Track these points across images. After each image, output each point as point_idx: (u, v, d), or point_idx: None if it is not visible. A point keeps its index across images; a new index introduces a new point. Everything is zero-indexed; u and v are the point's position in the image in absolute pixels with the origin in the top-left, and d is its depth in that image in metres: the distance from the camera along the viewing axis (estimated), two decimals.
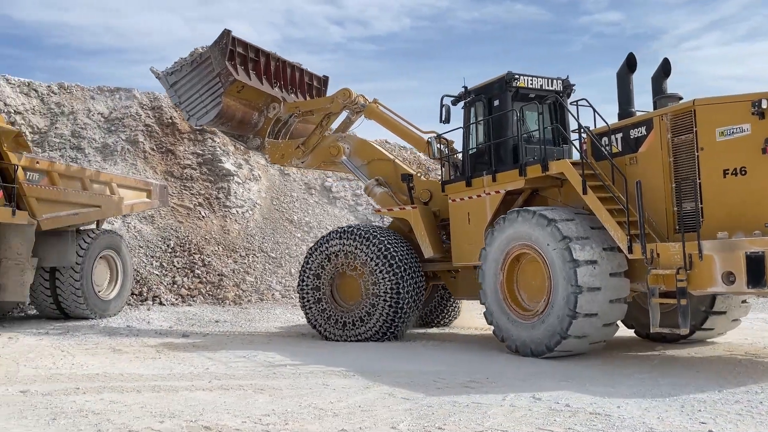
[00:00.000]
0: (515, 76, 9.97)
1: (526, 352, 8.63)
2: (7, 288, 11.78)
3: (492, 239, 9.23)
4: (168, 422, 5.59)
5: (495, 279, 9.14)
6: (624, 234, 8.08)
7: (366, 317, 10.59)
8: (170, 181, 18.90)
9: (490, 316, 9.32)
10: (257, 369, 8.18)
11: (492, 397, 6.46)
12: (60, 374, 7.84)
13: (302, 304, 11.30)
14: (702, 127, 7.83)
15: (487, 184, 9.94)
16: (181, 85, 12.61)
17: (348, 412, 5.91)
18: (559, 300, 8.16)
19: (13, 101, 18.35)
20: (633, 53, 9.17)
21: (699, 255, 7.33)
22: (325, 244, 11.09)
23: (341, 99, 12.34)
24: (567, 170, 8.82)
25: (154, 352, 9.58)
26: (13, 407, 6.14)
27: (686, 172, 8.05)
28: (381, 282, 10.48)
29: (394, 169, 12.12)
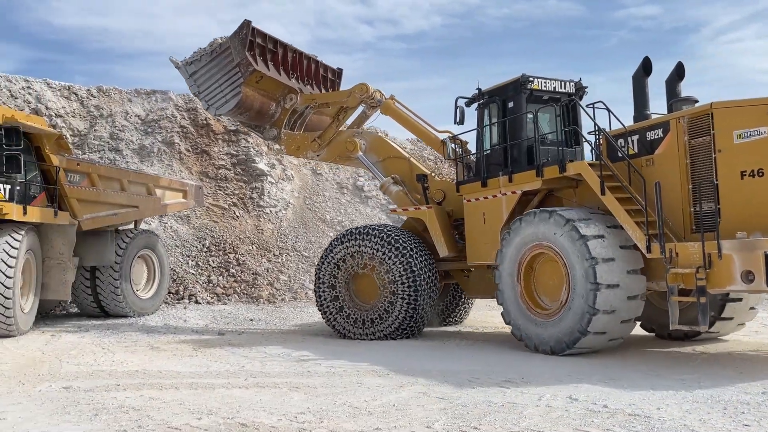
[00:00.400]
0: (529, 78, 10.10)
1: (546, 350, 8.73)
2: (50, 287, 12.10)
3: (509, 240, 9.35)
4: (206, 419, 5.67)
5: (512, 279, 9.27)
6: (642, 234, 8.21)
7: (384, 315, 10.70)
8: (205, 181, 19.19)
9: (507, 316, 9.41)
10: (292, 367, 8.25)
11: (528, 397, 6.39)
12: (101, 371, 8.03)
13: (319, 303, 11.39)
14: (720, 129, 7.95)
15: (503, 185, 10.07)
16: (200, 74, 12.69)
17: (382, 411, 5.92)
18: (579, 297, 8.29)
19: (54, 105, 18.84)
20: (649, 57, 9.31)
21: (718, 254, 7.46)
22: (343, 243, 11.16)
23: (358, 93, 12.39)
24: (585, 171, 8.96)
25: (191, 349, 9.74)
26: (57, 403, 6.31)
27: (704, 174, 8.18)
28: (399, 280, 10.59)
29: (409, 167, 12.20)
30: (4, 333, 10.71)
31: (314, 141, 12.76)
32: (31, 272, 11.51)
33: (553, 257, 8.84)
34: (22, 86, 18.55)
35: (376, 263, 10.82)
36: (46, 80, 19.27)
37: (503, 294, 9.41)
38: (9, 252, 10.65)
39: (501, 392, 6.62)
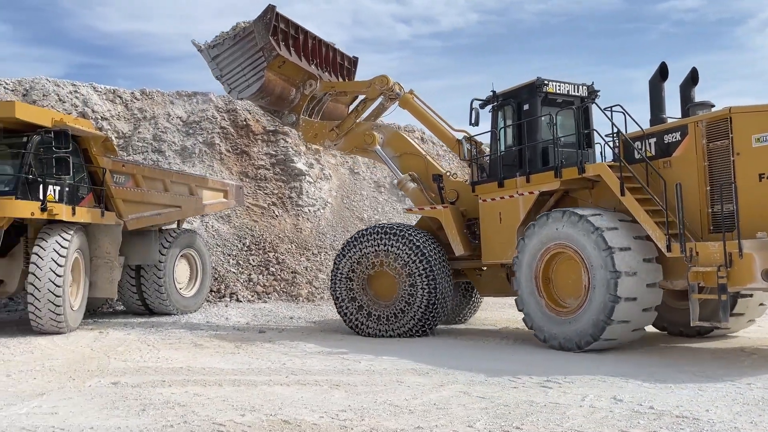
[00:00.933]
0: (544, 82, 10.33)
1: (571, 347, 8.90)
2: (97, 285, 12.44)
3: (525, 245, 9.61)
4: (249, 416, 5.76)
5: (531, 282, 9.52)
6: (662, 233, 8.46)
7: (402, 312, 10.86)
8: (245, 181, 19.46)
9: (529, 320, 9.61)
10: (332, 365, 8.30)
11: (570, 397, 6.30)
12: (147, 367, 8.22)
13: (336, 300, 11.51)
14: (738, 133, 8.20)
15: (520, 185, 10.27)
16: (222, 58, 12.75)
17: (423, 410, 5.91)
18: (599, 288, 8.54)
19: (100, 108, 19.36)
20: (665, 62, 9.59)
21: (739, 253, 7.69)
22: (361, 241, 11.28)
23: (378, 85, 12.49)
24: (604, 172, 9.21)
25: (233, 347, 9.89)
26: (106, 398, 6.49)
27: (722, 176, 8.41)
28: (417, 278, 10.73)
29: (425, 165, 12.31)
30: (54, 330, 11.07)
31: (332, 130, 12.85)
32: (80, 271, 11.86)
33: (570, 255, 9.10)
34: (69, 90, 19.12)
35: (393, 260, 10.98)
36: (92, 84, 19.81)
37: (523, 299, 9.66)
38: (59, 251, 10.99)
39: (543, 392, 6.54)
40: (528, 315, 9.61)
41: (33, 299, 10.82)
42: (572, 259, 9.09)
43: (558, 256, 9.33)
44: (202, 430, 5.32)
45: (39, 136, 11.20)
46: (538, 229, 9.47)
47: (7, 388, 7.02)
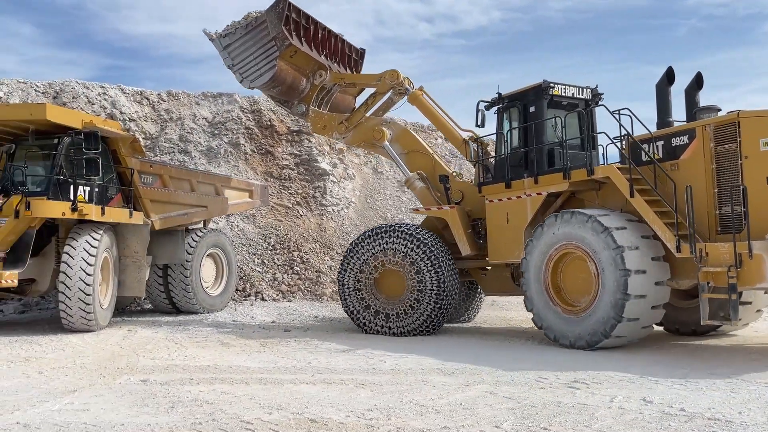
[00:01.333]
0: (551, 84, 10.53)
1: (582, 345, 9.06)
2: (126, 284, 12.63)
3: (533, 246, 9.78)
4: (276, 414, 5.80)
5: (540, 283, 9.67)
6: (672, 234, 8.66)
7: (410, 310, 11.01)
8: (270, 181, 19.59)
9: (539, 319, 9.73)
10: (357, 364, 8.32)
11: (599, 398, 6.23)
12: (175, 365, 8.33)
13: (343, 299, 11.64)
14: (746, 137, 8.40)
15: (528, 186, 10.44)
16: (234, 47, 12.79)
17: (450, 410, 5.89)
18: (610, 287, 8.71)
19: (128, 109, 19.66)
20: (672, 67, 9.79)
21: (749, 254, 7.89)
22: (371, 240, 11.42)
23: (389, 79, 12.57)
24: (614, 174, 9.38)
25: (259, 345, 9.97)
26: (136, 395, 6.59)
27: (729, 179, 8.62)
28: (426, 277, 10.89)
29: (432, 164, 12.39)
30: (85, 328, 11.27)
31: (341, 123, 12.93)
32: (109, 270, 12.05)
33: (578, 255, 9.28)
34: (98, 92, 19.44)
35: (402, 259, 11.11)
36: (120, 86, 20.11)
37: (532, 299, 9.79)
38: (89, 251, 11.19)
39: (570, 393, 6.48)
40: (537, 314, 9.73)
41: (64, 298, 11.03)
42: (581, 259, 9.26)
43: (566, 257, 9.48)
44: (230, 428, 5.37)
45: (69, 138, 11.41)
46: (546, 230, 9.62)
47: (40, 385, 7.16)
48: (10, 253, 10.84)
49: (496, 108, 11.34)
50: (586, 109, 10.88)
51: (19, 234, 10.88)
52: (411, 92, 12.50)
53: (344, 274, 11.63)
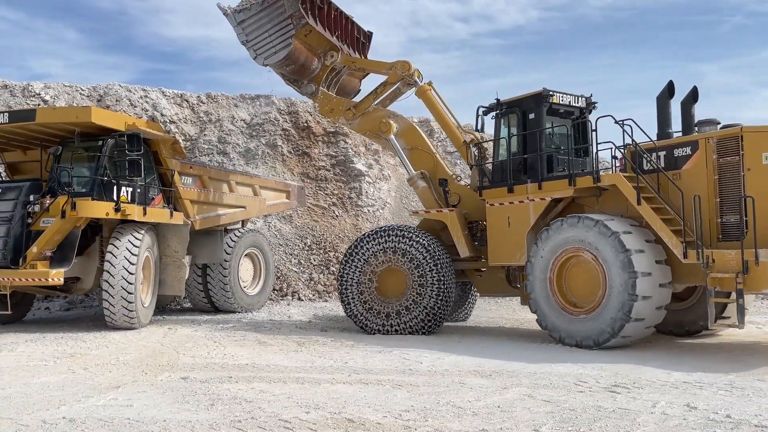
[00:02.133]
0: (550, 93, 10.85)
1: (589, 344, 9.31)
2: (166, 283, 12.89)
3: (538, 249, 10.03)
4: (313, 413, 5.84)
5: (545, 284, 9.91)
6: (679, 241, 9.02)
7: (409, 309, 11.25)
8: (306, 182, 19.76)
9: (544, 320, 9.98)
10: (393, 364, 8.32)
11: (641, 403, 6.10)
12: (214, 363, 8.46)
13: (342, 296, 11.77)
14: (749, 150, 8.82)
15: (531, 191, 10.66)
16: (248, 23, 12.77)
17: (487, 412, 5.85)
18: (617, 288, 9.03)
19: (168, 111, 20.07)
20: (673, 81, 10.16)
21: (755, 261, 8.26)
22: (374, 240, 11.60)
23: (400, 70, 12.66)
24: (620, 182, 9.67)
25: (296, 345, 10.06)
26: (177, 392, 6.72)
27: (731, 189, 9.01)
28: (427, 277, 11.14)
29: (434, 164, 12.53)
30: (127, 325, 11.54)
31: (349, 110, 12.92)
32: (150, 269, 12.32)
33: (584, 258, 9.59)
34: (140, 95, 19.90)
35: (402, 256, 11.33)
36: (161, 89, 20.55)
37: (537, 301, 10.04)
38: (131, 250, 11.45)
39: (611, 397, 6.36)
40: (543, 316, 9.99)
41: (107, 296, 11.31)
42: (587, 262, 9.58)
43: (572, 260, 9.79)
44: (269, 426, 5.43)
45: (113, 140, 11.70)
46: (552, 234, 9.91)
47: (85, 381, 7.36)
48: (57, 252, 11.17)
49: (494, 113, 11.59)
50: (580, 117, 11.37)
51: (66, 233, 11.20)
52: (420, 86, 12.55)
53: (345, 274, 11.78)
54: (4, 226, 11.19)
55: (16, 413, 5.91)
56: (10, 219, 11.22)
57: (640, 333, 9.32)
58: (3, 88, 19.15)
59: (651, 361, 8.34)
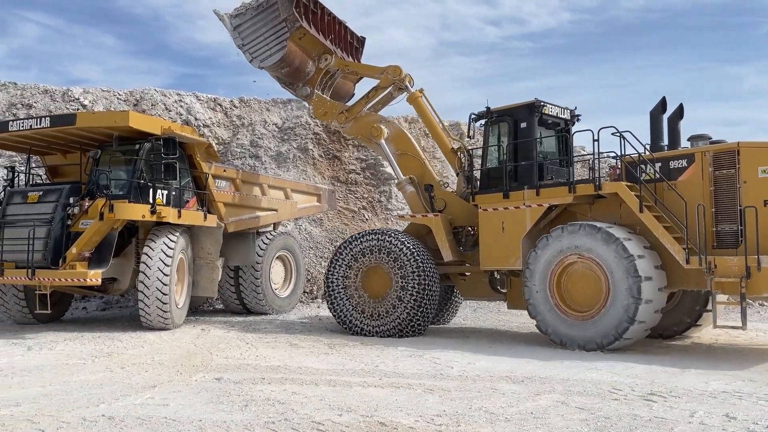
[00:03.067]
0: (542, 103, 11.26)
1: (592, 347, 9.62)
2: (200, 284, 13.09)
3: (537, 256, 10.27)
4: (346, 416, 5.87)
5: (545, 290, 10.17)
6: (680, 248, 9.42)
7: (392, 310, 11.48)
8: (336, 185, 19.87)
9: (544, 325, 10.21)
10: (424, 369, 8.31)
11: (678, 412, 5.99)
12: (247, 365, 8.56)
13: (329, 294, 12.04)
14: (745, 164, 9.31)
15: (528, 198, 10.90)
16: (245, 28, 13.07)
17: (520, 419, 5.80)
18: (621, 293, 9.36)
19: (202, 116, 20.40)
20: (665, 97, 10.75)
21: (758, 267, 8.73)
22: (361, 241, 11.88)
23: (391, 74, 12.97)
24: (622, 191, 10.02)
25: (327, 347, 10.11)
26: (211, 393, 6.82)
27: (727, 200, 9.48)
28: (409, 278, 11.36)
29: (422, 169, 12.81)
30: (161, 326, 11.74)
31: (342, 113, 13.18)
32: (184, 271, 12.52)
33: (585, 264, 9.90)
34: (174, 99, 20.26)
35: (386, 256, 11.57)
36: (195, 93, 20.90)
37: (536, 306, 10.27)
38: (166, 252, 11.66)
39: (647, 405, 6.26)
40: (543, 321, 10.23)
41: (143, 296, 11.53)
42: (587, 268, 9.90)
43: (571, 266, 10.08)
44: (303, 428, 5.47)
45: (150, 144, 11.94)
46: (552, 241, 10.15)
47: (122, 380, 7.52)
48: (95, 253, 11.42)
49: (484, 121, 11.84)
50: (565, 128, 11.79)
51: (103, 235, 11.46)
52: (412, 93, 12.82)
53: (332, 274, 12.03)
54: (45, 227, 11.49)
55: (57, 410, 6.06)
56: (50, 221, 11.52)
57: (640, 335, 9.71)
58: (44, 93, 19.70)
59: (688, 370, 8.18)
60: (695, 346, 10.52)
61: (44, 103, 19.32)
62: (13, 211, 11.89)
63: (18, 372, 8.00)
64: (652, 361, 8.94)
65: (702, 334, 11.45)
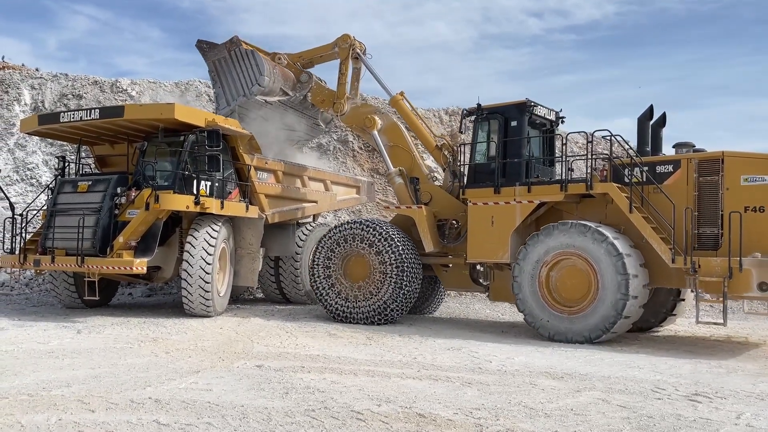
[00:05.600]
0: (532, 103, 11.72)
1: (580, 340, 10.07)
2: (241, 274, 13.32)
3: (527, 252, 10.68)
4: (385, 406, 5.92)
5: (534, 285, 10.59)
6: (667, 248, 9.91)
7: (370, 295, 11.95)
8: (375, 177, 19.91)
9: (532, 318, 10.63)
10: (463, 362, 8.31)
11: (723, 413, 5.86)
12: (287, 353, 8.69)
13: (312, 280, 12.60)
14: (729, 172, 9.93)
15: (519, 194, 11.28)
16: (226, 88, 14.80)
17: (560, 414, 5.76)
18: (610, 289, 9.85)
19: None
20: (653, 104, 11.30)
21: (739, 268, 9.31)
22: (343, 229, 12.39)
23: (342, 43, 13.91)
24: (613, 191, 10.48)
25: (365, 338, 10.19)
26: (252, 379, 6.95)
27: (710, 205, 10.07)
28: (390, 266, 11.80)
29: (411, 162, 13.22)
30: (203, 313, 12.01)
31: (336, 103, 13.92)
32: (226, 260, 12.76)
33: (573, 261, 10.31)
34: None
35: (368, 246, 12.02)
36: None
37: (525, 301, 10.69)
38: (209, 241, 11.90)
39: (691, 406, 6.13)
40: (530, 314, 10.66)
41: (186, 284, 11.80)
42: (576, 265, 10.32)
43: (560, 263, 10.48)
44: (342, 417, 5.54)
45: (194, 136, 12.17)
46: (543, 238, 10.56)
47: (167, 364, 7.73)
48: (141, 242, 11.72)
49: (474, 117, 12.20)
50: (550, 128, 12.27)
51: (149, 225, 11.75)
52: (392, 97, 13.47)
53: (316, 261, 12.52)
54: (94, 216, 11.84)
55: (106, 392, 6.28)
56: (99, 210, 11.86)
57: (625, 328, 10.31)
58: (93, 84, 20.26)
59: (734, 371, 7.99)
60: (742, 347, 10.25)
61: (93, 93, 19.88)
62: (63, 200, 12.28)
63: (68, 354, 8.30)
64: (697, 360, 8.75)
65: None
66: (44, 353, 8.33)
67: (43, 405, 5.77)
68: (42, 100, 19.87)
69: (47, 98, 19.93)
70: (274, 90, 14.50)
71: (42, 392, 6.22)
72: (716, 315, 13.21)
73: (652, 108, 11.35)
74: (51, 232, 12.09)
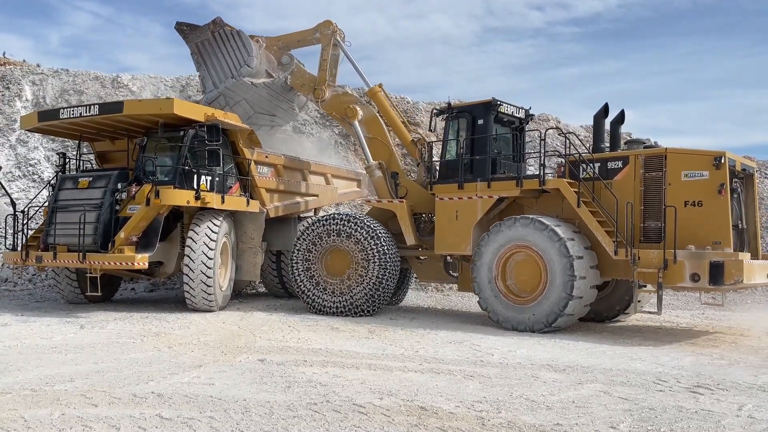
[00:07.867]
0: (498, 102, 12.03)
1: (524, 329, 10.59)
2: (242, 268, 13.34)
3: (487, 241, 11.13)
4: (387, 399, 5.93)
5: (490, 273, 11.08)
6: (611, 240, 10.45)
7: (352, 287, 12.20)
8: None
9: (485, 303, 11.15)
10: (464, 355, 8.32)
11: (725, 405, 5.87)
12: (289, 347, 8.71)
13: (292, 274, 12.75)
14: (670, 168, 10.47)
15: (480, 189, 11.75)
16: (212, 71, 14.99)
17: (562, 407, 5.77)
18: (557, 286, 10.31)
19: None
20: (608, 103, 11.93)
21: (674, 260, 9.85)
22: (324, 223, 12.56)
23: (324, 29, 14.07)
24: (563, 187, 10.95)
25: (367, 332, 10.21)
26: (255, 373, 6.97)
27: (654, 199, 10.61)
28: (371, 260, 12.02)
29: (389, 156, 13.45)
30: (206, 308, 12.03)
31: (316, 89, 14.04)
32: (228, 255, 12.77)
33: (527, 255, 10.77)
34: None
35: (347, 238, 12.23)
36: None
37: (480, 285, 11.18)
38: (210, 236, 11.91)
39: (693, 397, 6.14)
40: (484, 300, 11.16)
41: (188, 279, 11.82)
42: (530, 256, 10.74)
43: (513, 257, 10.98)
44: (344, 410, 5.56)
45: (194, 130, 12.15)
46: (504, 230, 11.02)
47: (170, 359, 7.75)
48: (142, 237, 11.72)
49: (445, 116, 12.54)
50: (519, 126, 12.63)
51: (150, 220, 11.74)
52: (371, 88, 13.58)
53: (296, 254, 12.70)
54: (95, 212, 11.84)
55: (109, 387, 6.30)
56: (100, 206, 11.87)
57: (580, 311, 10.62)
58: (94, 80, 20.24)
59: (736, 363, 7.99)
60: (743, 339, 10.25)
61: (95, 89, 19.86)
62: (64, 197, 12.29)
63: (72, 349, 8.33)
64: (699, 353, 8.76)
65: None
66: (47, 348, 8.36)
67: (47, 400, 5.79)
68: (43, 96, 19.86)
69: (48, 94, 19.92)
70: (260, 72, 14.52)
71: (45, 387, 6.24)
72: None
73: (607, 106, 11.80)
74: (53, 229, 12.10)
